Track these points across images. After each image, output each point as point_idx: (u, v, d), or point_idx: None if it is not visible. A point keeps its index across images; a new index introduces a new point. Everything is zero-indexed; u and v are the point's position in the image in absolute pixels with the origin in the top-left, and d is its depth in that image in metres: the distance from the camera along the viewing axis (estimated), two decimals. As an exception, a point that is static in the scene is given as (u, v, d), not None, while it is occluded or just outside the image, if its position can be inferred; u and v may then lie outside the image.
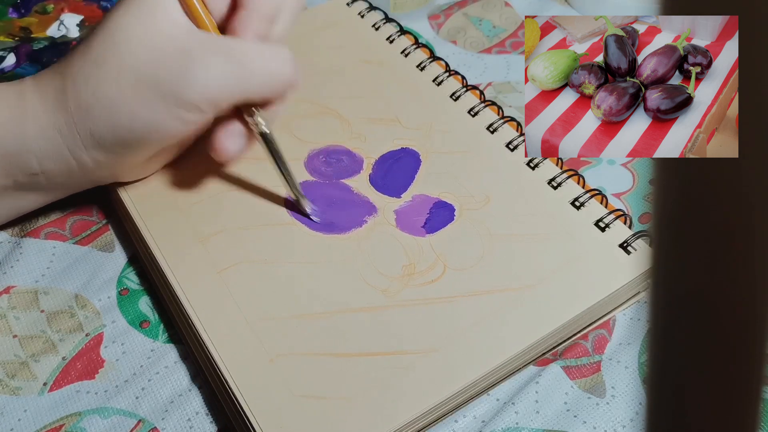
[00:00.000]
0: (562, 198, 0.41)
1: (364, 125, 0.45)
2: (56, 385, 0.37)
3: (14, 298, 0.40)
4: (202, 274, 0.38)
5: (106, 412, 0.36)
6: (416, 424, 0.34)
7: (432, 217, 0.40)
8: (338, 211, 0.41)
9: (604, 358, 0.37)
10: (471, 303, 0.37)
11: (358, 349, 0.35)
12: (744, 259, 0.13)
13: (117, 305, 0.40)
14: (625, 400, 0.35)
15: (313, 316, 0.37)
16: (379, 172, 0.43)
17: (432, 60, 0.49)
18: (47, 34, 0.52)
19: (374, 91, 0.47)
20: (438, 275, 0.38)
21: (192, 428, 0.35)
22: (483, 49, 0.54)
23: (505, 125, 0.44)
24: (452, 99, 0.46)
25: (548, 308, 0.36)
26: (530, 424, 0.35)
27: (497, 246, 0.39)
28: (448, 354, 0.35)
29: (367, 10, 0.53)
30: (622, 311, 0.39)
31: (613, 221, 0.39)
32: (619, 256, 0.38)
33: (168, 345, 0.38)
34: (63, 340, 0.38)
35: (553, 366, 0.37)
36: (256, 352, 0.35)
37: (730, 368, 0.14)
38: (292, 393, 0.34)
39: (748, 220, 0.13)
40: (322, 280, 0.38)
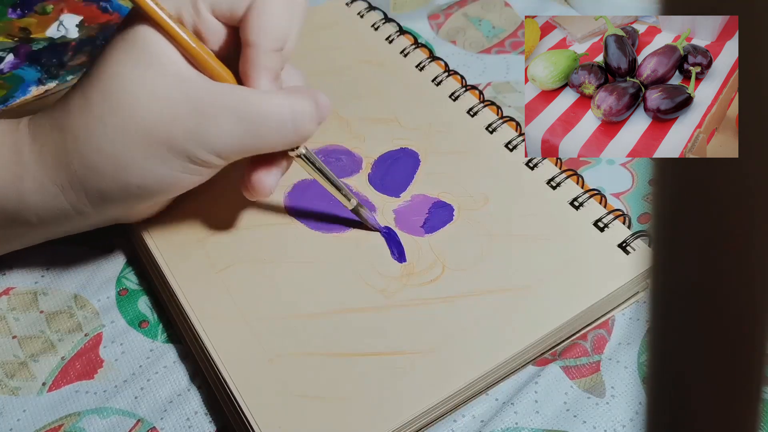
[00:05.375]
0: (561, 198, 0.41)
1: (364, 125, 0.45)
2: (55, 385, 0.37)
3: (14, 300, 0.40)
4: (201, 274, 0.38)
5: (105, 412, 0.36)
6: (415, 423, 0.34)
7: (431, 217, 0.40)
8: (337, 211, 0.41)
9: (603, 358, 0.37)
10: (470, 303, 0.37)
11: (356, 349, 0.35)
12: (744, 259, 0.13)
13: (116, 305, 0.40)
14: (624, 400, 0.35)
15: (312, 316, 0.37)
16: (378, 172, 0.43)
17: (431, 60, 0.49)
18: (46, 35, 0.52)
19: (373, 91, 0.47)
20: (437, 275, 0.38)
21: (191, 428, 0.35)
22: (482, 49, 0.54)
23: (505, 125, 0.44)
24: (451, 99, 0.46)
25: (547, 308, 0.36)
26: (530, 424, 0.35)
27: (496, 246, 0.39)
28: (447, 354, 0.35)
29: (366, 10, 0.53)
30: (621, 311, 0.39)
31: (612, 221, 0.39)
32: (618, 256, 0.38)
33: (167, 345, 0.38)
34: (62, 340, 0.38)
35: (552, 366, 0.37)
36: (255, 352, 0.35)
37: (730, 368, 0.14)
38: (291, 393, 0.34)
39: (748, 220, 0.13)
40: (320, 280, 0.38)
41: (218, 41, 0.35)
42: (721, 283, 0.13)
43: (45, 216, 0.36)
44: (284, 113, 0.34)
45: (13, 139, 0.36)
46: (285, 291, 0.38)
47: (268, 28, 0.34)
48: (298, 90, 0.36)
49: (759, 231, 0.13)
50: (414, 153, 0.44)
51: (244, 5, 0.34)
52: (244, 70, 0.35)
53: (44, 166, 0.35)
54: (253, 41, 0.34)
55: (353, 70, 0.49)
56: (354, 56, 0.50)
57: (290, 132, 0.35)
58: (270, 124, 0.34)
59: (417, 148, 0.44)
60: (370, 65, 0.49)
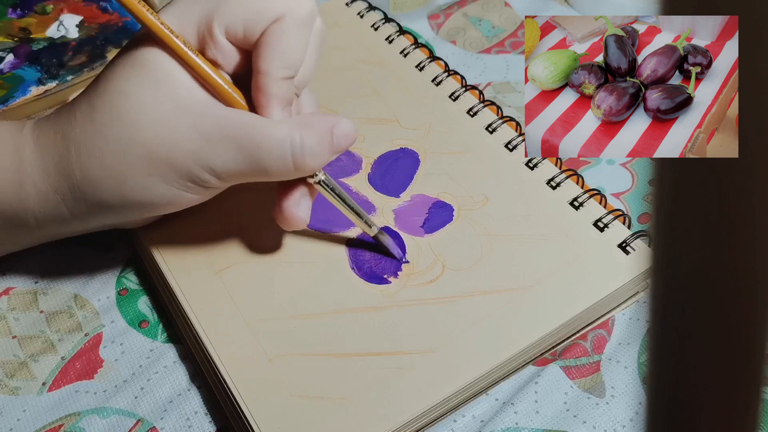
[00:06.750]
0: (561, 198, 0.41)
1: (363, 125, 0.45)
2: (55, 385, 0.37)
3: (14, 300, 0.40)
4: (201, 274, 0.38)
5: (105, 412, 0.36)
6: (415, 423, 0.34)
7: (431, 217, 0.40)
8: (337, 211, 0.41)
9: (603, 358, 0.37)
10: (470, 303, 0.37)
11: (356, 349, 0.35)
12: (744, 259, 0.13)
13: (116, 305, 0.40)
14: (624, 400, 0.35)
15: (312, 316, 0.37)
16: (378, 172, 0.43)
17: (431, 60, 0.49)
18: (46, 35, 0.52)
19: (373, 91, 0.47)
20: (437, 275, 0.38)
21: (191, 428, 0.35)
22: (482, 49, 0.54)
23: (504, 125, 0.44)
24: (451, 99, 0.46)
25: (547, 308, 0.36)
26: (530, 424, 0.35)
27: (496, 246, 0.39)
28: (447, 354, 0.35)
29: (366, 10, 0.53)
30: (621, 311, 0.39)
31: (612, 221, 0.39)
32: (618, 256, 0.38)
33: (167, 345, 0.38)
34: (62, 340, 0.38)
35: (552, 366, 0.37)
36: (255, 352, 0.35)
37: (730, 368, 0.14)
38: (291, 393, 0.34)
39: (748, 220, 0.13)
40: (320, 280, 0.38)
41: (232, 65, 0.35)
42: (721, 283, 0.13)
43: (44, 220, 0.36)
44: (284, 147, 0.34)
45: (15, 142, 0.36)
46: (285, 291, 0.38)
47: (280, 56, 0.34)
48: (310, 120, 0.35)
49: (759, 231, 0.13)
50: (414, 153, 0.44)
51: (258, 31, 0.34)
52: (255, 97, 0.34)
53: (45, 173, 0.35)
54: (263, 69, 0.34)
55: (353, 70, 0.49)
56: (354, 56, 0.50)
57: (288, 165, 0.34)
58: (268, 156, 0.34)
59: (417, 148, 0.44)
60: (370, 65, 0.49)
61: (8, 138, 0.36)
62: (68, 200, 0.35)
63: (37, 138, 0.35)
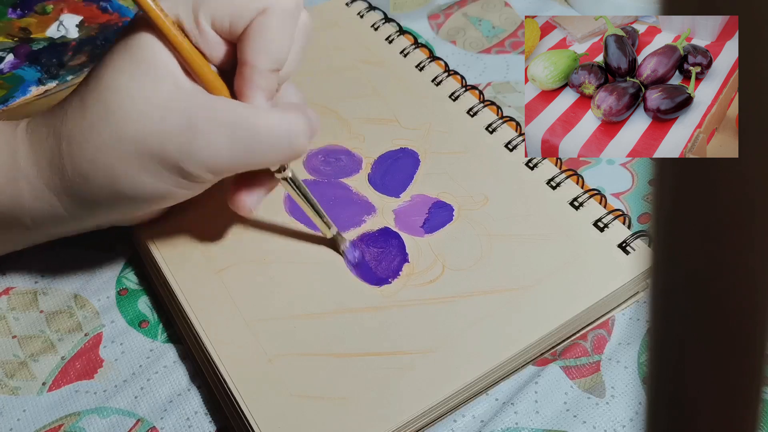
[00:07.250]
0: (561, 198, 0.41)
1: (363, 125, 0.45)
2: (55, 385, 0.37)
3: (13, 299, 0.40)
4: (201, 274, 0.38)
5: (105, 412, 0.36)
6: (415, 423, 0.34)
7: (431, 217, 0.40)
8: (337, 211, 0.41)
9: (603, 358, 0.37)
10: (470, 303, 0.37)
11: (356, 349, 0.35)
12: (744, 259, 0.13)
13: (116, 305, 0.40)
14: (624, 400, 0.35)
15: (312, 316, 0.37)
16: (378, 172, 0.43)
17: (431, 60, 0.49)
18: (46, 35, 0.52)
19: (373, 91, 0.47)
20: (437, 275, 0.38)
21: (191, 428, 0.35)
22: (482, 49, 0.54)
23: (504, 125, 0.44)
24: (451, 99, 0.46)
25: (547, 308, 0.36)
26: (530, 424, 0.35)
27: (496, 246, 0.39)
28: (447, 354, 0.35)
29: (366, 10, 0.53)
30: (621, 311, 0.39)
31: (612, 221, 0.39)
32: (618, 256, 0.38)
33: (167, 345, 0.38)
34: (62, 339, 0.38)
35: (552, 366, 0.37)
36: (255, 352, 0.35)
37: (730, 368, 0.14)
38: (291, 393, 0.34)
39: (748, 220, 0.13)
40: (320, 280, 0.38)
41: (216, 55, 0.35)
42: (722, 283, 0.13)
43: (40, 219, 0.36)
44: (280, 130, 0.34)
45: (10, 141, 0.36)
46: (285, 291, 0.38)
47: (265, 49, 0.34)
48: (289, 106, 0.35)
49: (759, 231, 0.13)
50: (414, 153, 0.44)
51: (243, 22, 0.34)
52: (239, 87, 0.34)
53: (39, 171, 0.35)
54: (249, 61, 0.34)
55: (353, 70, 0.49)
56: (354, 56, 0.50)
57: (286, 148, 0.34)
58: (265, 141, 0.34)
59: (417, 148, 0.44)
60: (370, 65, 0.49)
61: (2, 137, 0.36)
62: (62, 197, 0.35)
63: (31, 136, 0.35)
